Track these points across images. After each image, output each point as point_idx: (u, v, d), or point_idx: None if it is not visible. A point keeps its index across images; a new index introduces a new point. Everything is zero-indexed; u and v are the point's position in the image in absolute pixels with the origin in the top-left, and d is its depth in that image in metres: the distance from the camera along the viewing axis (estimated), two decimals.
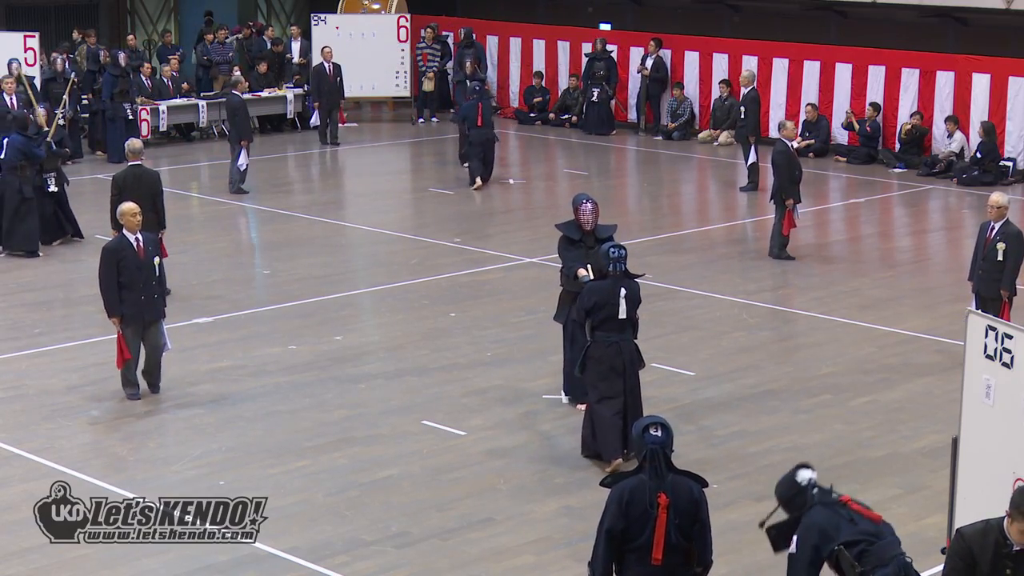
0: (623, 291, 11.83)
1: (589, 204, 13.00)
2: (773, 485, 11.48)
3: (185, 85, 28.24)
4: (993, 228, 14.38)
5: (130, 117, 25.71)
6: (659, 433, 7.75)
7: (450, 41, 31.15)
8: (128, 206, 13.49)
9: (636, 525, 7.70)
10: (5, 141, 18.83)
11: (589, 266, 12.60)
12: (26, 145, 18.80)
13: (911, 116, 25.44)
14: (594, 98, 28.59)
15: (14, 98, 23.14)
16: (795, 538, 7.64)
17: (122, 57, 26.08)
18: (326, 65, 27.06)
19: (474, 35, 30.53)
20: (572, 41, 30.07)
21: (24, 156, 18.77)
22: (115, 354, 13.46)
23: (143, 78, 26.82)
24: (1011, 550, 6.97)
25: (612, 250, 11.90)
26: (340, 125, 27.64)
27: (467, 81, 27.11)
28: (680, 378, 14.24)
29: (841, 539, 7.48)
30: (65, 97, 23.90)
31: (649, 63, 28.41)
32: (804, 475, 7.72)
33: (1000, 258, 14.27)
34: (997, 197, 14.46)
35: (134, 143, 17.25)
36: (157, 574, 10.05)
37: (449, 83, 31.00)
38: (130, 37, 29.44)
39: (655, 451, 7.72)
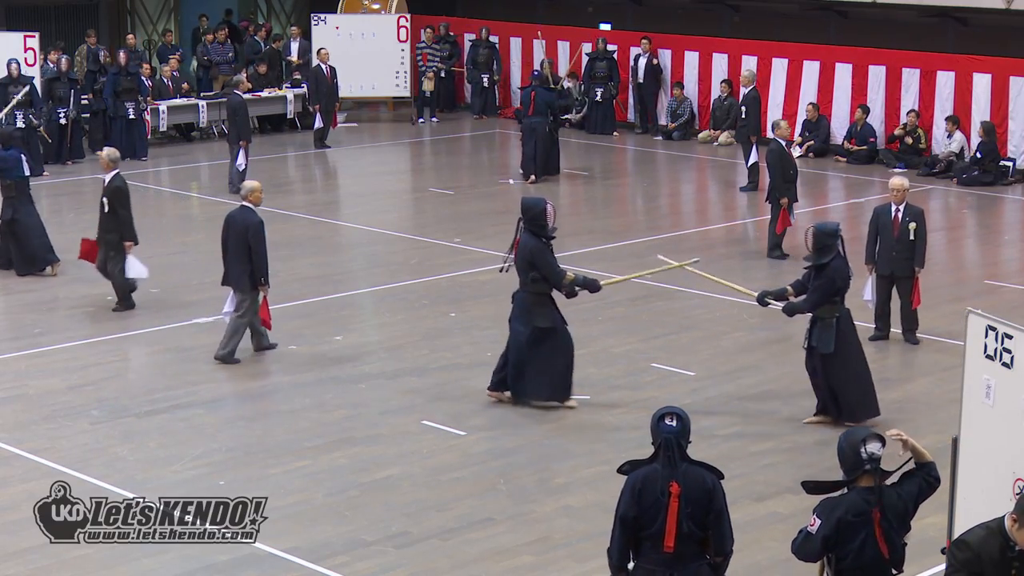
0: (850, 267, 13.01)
1: (551, 205, 13.49)
2: (773, 485, 11.57)
3: (185, 85, 28.22)
4: (899, 211, 15.12)
5: (132, 116, 25.67)
6: (674, 423, 7.86)
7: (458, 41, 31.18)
8: (257, 183, 15.03)
9: (649, 513, 7.80)
10: (13, 156, 18.27)
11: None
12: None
13: (907, 115, 25.45)
14: (597, 98, 28.57)
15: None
16: (815, 516, 7.68)
17: (121, 56, 26.07)
18: (323, 67, 27.00)
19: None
20: (572, 41, 30.06)
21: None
22: (265, 318, 14.70)
23: (143, 78, 26.77)
24: (1015, 551, 7.00)
25: (839, 227, 12.99)
26: (332, 127, 27.52)
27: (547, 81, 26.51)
28: (680, 378, 14.24)
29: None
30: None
31: (643, 62, 28.40)
32: (872, 448, 7.63)
33: (912, 237, 15.00)
34: (901, 180, 15.23)
35: None
36: (157, 574, 10.06)
37: (463, 80, 30.94)
38: (130, 36, 29.41)
39: (669, 440, 7.84)
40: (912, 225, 15.01)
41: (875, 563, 7.65)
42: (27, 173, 18.30)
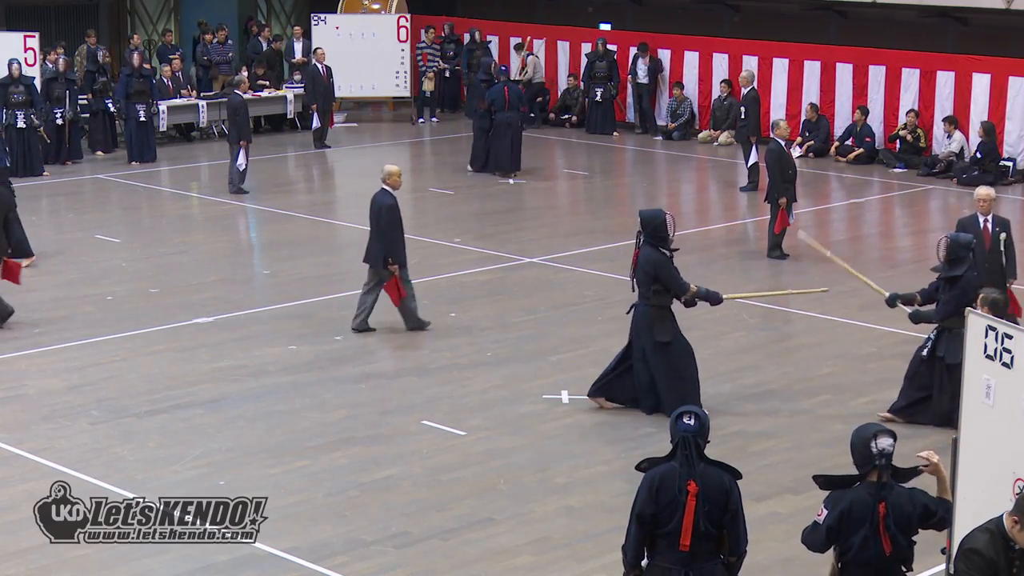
0: None
1: (671, 215, 13.07)
2: (773, 485, 11.57)
3: (186, 89, 28.17)
4: (987, 221, 14.54)
5: (142, 118, 25.62)
6: (692, 422, 7.86)
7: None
8: (396, 167, 15.78)
9: (666, 511, 7.82)
10: None
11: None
12: None
13: (907, 115, 25.46)
14: (597, 98, 28.57)
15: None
16: (823, 506, 7.77)
17: (136, 57, 26.03)
18: (319, 67, 27.00)
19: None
20: (572, 41, 30.07)
21: None
22: (390, 298, 15.40)
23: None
24: (1016, 551, 7.02)
25: (973, 240, 12.76)
26: (329, 127, 27.48)
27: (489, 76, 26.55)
28: None
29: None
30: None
31: (643, 67, 28.36)
32: (883, 443, 7.70)
33: (1003, 248, 14.44)
34: (988, 190, 14.72)
35: None
36: (157, 574, 10.06)
37: (462, 82, 30.91)
38: (135, 37, 29.36)
39: (686, 439, 7.84)
40: (1003, 235, 14.46)
41: (878, 559, 7.69)
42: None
